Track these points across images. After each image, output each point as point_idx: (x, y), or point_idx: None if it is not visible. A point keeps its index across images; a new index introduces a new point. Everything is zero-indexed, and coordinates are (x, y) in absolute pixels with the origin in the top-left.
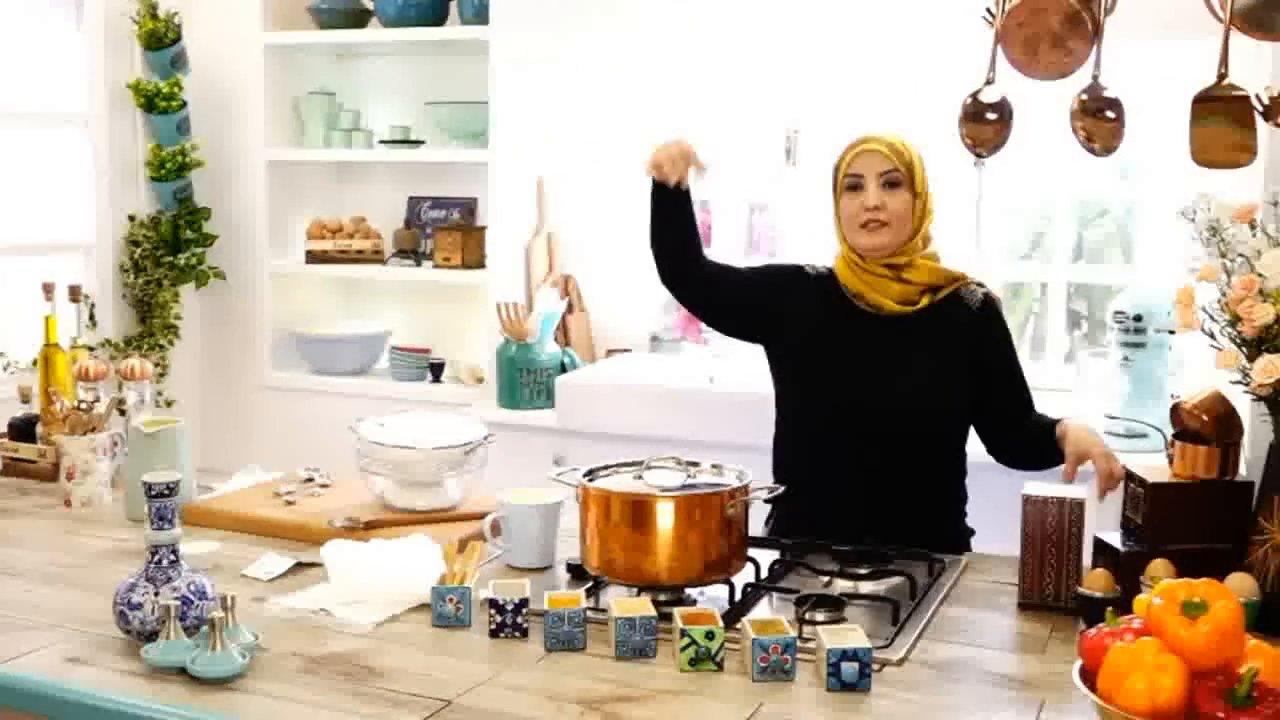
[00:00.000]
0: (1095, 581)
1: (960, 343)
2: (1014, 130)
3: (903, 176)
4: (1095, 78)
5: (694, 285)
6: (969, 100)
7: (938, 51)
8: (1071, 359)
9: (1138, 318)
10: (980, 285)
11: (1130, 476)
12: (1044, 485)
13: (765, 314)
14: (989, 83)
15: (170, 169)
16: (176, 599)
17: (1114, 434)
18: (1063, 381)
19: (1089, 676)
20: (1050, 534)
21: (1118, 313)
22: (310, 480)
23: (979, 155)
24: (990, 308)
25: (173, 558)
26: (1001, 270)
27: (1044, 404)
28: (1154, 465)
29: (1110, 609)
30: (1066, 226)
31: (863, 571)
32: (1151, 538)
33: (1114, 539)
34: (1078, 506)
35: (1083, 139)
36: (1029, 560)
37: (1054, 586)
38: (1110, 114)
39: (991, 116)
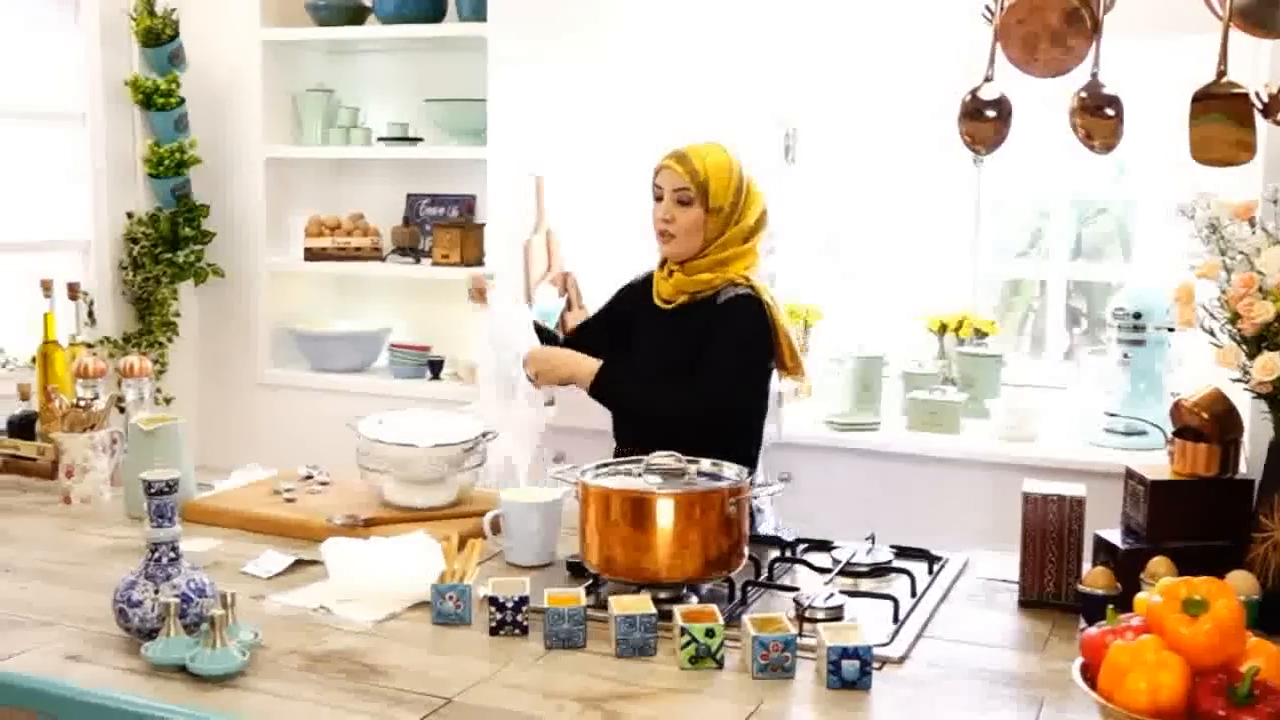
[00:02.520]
0: (1096, 579)
1: (694, 337)
2: (1012, 128)
3: (693, 196)
4: (1094, 75)
5: None
6: (968, 98)
7: (936, 49)
8: (1071, 356)
9: (1137, 315)
10: (747, 289)
11: (1130, 474)
12: (1044, 484)
13: (612, 330)
14: (988, 80)
15: (168, 166)
16: (176, 596)
17: (1113, 431)
18: (1062, 379)
19: (1089, 674)
20: (1050, 532)
21: (1117, 310)
22: (309, 478)
23: (978, 153)
24: (729, 306)
25: (172, 555)
26: (999, 268)
27: (1043, 401)
28: (1154, 464)
29: (1111, 607)
30: (1065, 224)
31: (863, 569)
32: (1151, 535)
33: (1114, 537)
34: (1078, 504)
35: (1082, 136)
36: (1029, 558)
37: (1054, 584)
38: (1109, 111)
39: (990, 114)
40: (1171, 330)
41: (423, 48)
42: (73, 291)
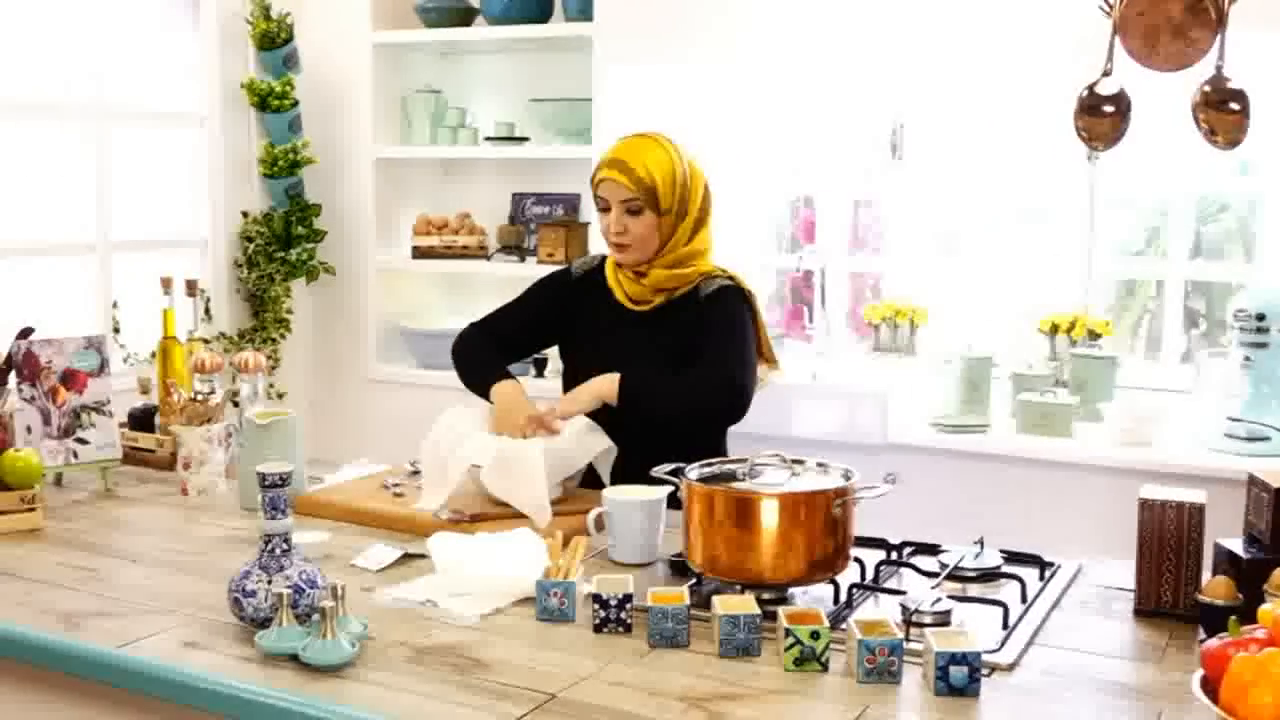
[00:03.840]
0: (1216, 589)
1: (682, 333)
2: (1131, 123)
3: (642, 204)
4: (1219, 68)
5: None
6: (1085, 93)
7: (1051, 42)
8: (1189, 359)
9: (1260, 316)
10: (727, 280)
11: (1253, 481)
12: (1162, 489)
13: (553, 328)
14: (1106, 74)
15: (282, 166)
16: (289, 587)
17: (1235, 437)
18: (1180, 382)
19: (1210, 688)
20: (1168, 539)
21: (1239, 311)
22: (417, 473)
23: (1095, 149)
24: (715, 297)
25: (285, 547)
26: (1114, 267)
27: (1160, 405)
28: (1277, 469)
29: (1233, 618)
30: (1184, 222)
31: (971, 574)
32: (1276, 545)
33: (1236, 546)
34: (1197, 511)
35: (1205, 132)
36: (1145, 566)
37: (1171, 593)
38: (1234, 106)
39: (1108, 109)
40: None
41: (529, 48)
42: (191, 289)
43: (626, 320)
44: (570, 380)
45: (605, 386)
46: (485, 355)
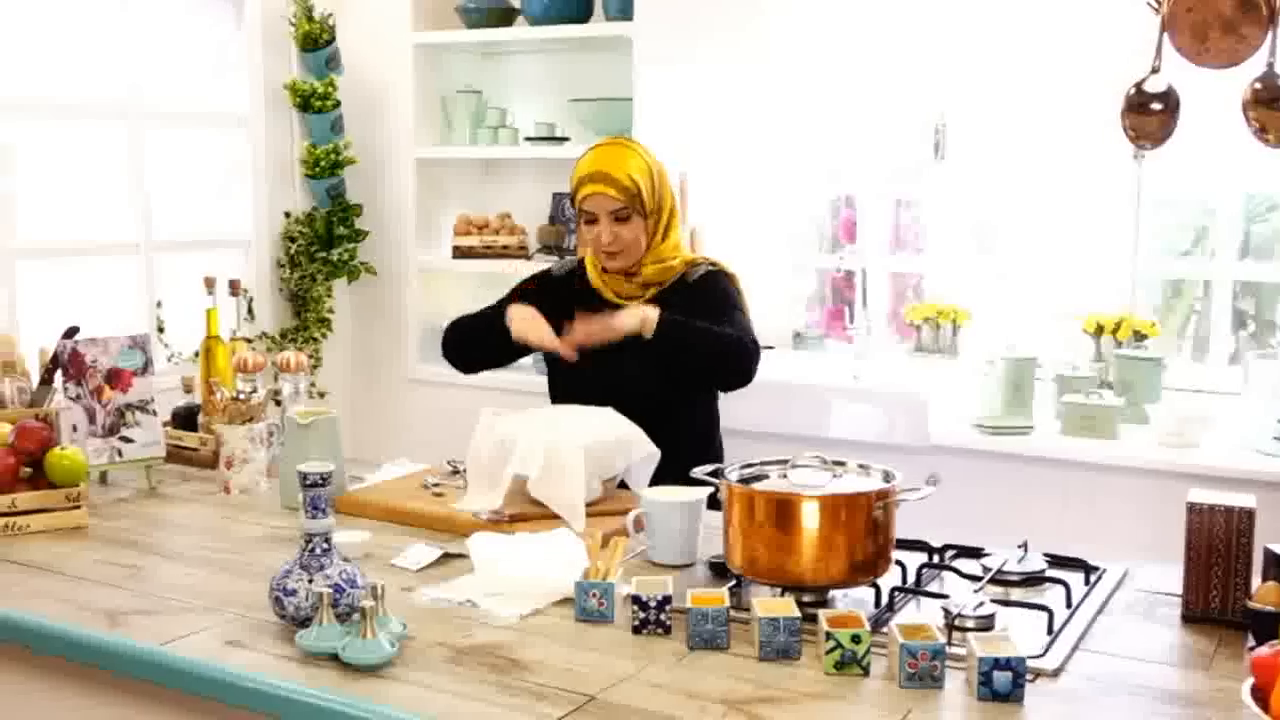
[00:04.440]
0: (1266, 595)
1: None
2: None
3: (630, 210)
4: (1270, 65)
5: (484, 366)
6: (1132, 90)
7: (1097, 38)
8: (1237, 360)
9: None
10: (711, 265)
11: None
12: (1211, 493)
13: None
14: (1154, 71)
15: (324, 167)
16: (329, 586)
17: None
18: (1228, 384)
19: (1261, 696)
20: (1217, 544)
21: None
22: (456, 472)
23: (1142, 148)
24: (704, 280)
25: (325, 546)
26: (1160, 267)
27: (1208, 407)
28: None
29: None
30: (1232, 221)
31: (1014, 578)
32: None
33: None
34: (1247, 515)
35: (1255, 130)
36: (1193, 571)
37: (1220, 599)
38: None
39: (1156, 107)
40: None
41: (569, 48)
42: (234, 288)
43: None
44: (557, 384)
45: (646, 313)
46: (478, 315)
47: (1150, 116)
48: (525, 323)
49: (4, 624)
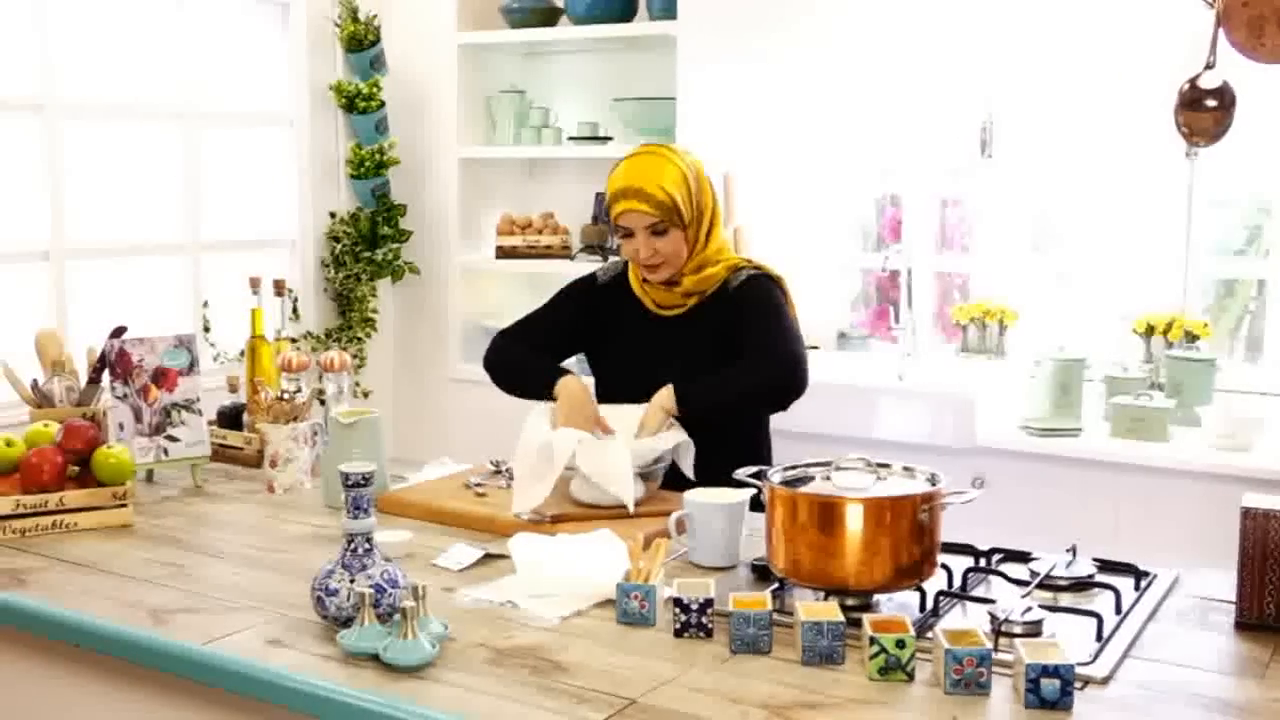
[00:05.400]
0: None
1: (720, 329)
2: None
3: (667, 224)
4: None
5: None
6: (1186, 87)
7: (1149, 33)
8: None
9: None
10: (754, 270)
11: None
12: (1265, 498)
13: (584, 335)
14: (1209, 67)
15: (369, 167)
16: (370, 587)
17: None
18: None
19: None
20: (1272, 550)
21: None
22: (499, 472)
23: (1195, 144)
24: (743, 287)
25: (368, 546)
26: (1213, 267)
27: (1262, 409)
28: None
29: None
30: None
31: (1063, 583)
32: None
33: None
34: None
35: None
36: (1247, 577)
37: (1275, 606)
38: None
39: (1211, 104)
40: None
41: (613, 47)
42: (279, 288)
43: (657, 325)
44: (600, 395)
45: (663, 402)
46: (531, 357)
47: (1204, 113)
48: (572, 418)
49: (51, 620)
